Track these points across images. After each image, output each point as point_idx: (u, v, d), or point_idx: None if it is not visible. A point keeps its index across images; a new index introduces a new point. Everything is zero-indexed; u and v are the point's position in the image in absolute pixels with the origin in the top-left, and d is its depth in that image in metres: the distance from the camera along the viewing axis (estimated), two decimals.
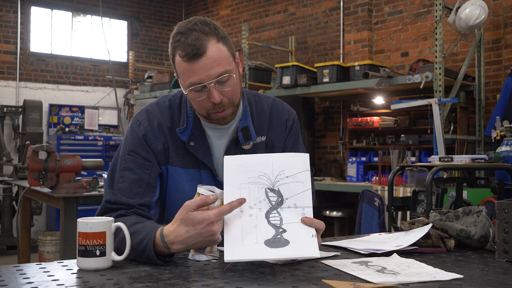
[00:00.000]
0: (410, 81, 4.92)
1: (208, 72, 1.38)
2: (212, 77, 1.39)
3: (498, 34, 5.33)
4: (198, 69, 1.38)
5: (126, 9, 8.52)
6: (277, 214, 1.24)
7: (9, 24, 7.46)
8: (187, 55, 1.38)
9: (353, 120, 6.13)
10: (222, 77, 1.40)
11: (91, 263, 1.19)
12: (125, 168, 1.49)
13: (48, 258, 5.31)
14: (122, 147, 1.55)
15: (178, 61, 1.41)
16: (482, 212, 1.48)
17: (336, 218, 5.99)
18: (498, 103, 4.74)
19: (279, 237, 1.21)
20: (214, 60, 1.38)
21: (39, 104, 7.11)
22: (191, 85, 1.41)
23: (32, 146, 3.38)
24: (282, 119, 1.64)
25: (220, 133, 1.56)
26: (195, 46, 1.37)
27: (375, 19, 6.34)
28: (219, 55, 1.40)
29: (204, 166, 1.54)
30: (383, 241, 1.52)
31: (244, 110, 1.57)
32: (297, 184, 1.27)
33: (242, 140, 1.54)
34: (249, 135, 1.55)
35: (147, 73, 7.91)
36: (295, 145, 1.67)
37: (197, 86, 1.40)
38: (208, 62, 1.38)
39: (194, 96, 1.43)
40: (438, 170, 3.23)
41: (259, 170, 1.27)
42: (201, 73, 1.38)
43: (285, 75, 5.91)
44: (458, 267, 1.24)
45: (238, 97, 1.50)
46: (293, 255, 1.20)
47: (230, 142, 1.55)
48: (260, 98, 1.65)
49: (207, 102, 1.43)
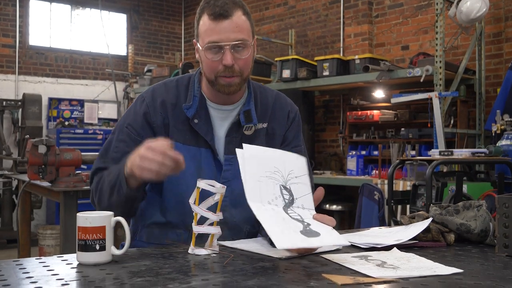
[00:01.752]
0: (411, 75, 4.91)
1: (228, 35, 1.46)
2: (230, 40, 1.46)
3: (499, 27, 5.32)
4: (220, 29, 1.46)
5: (125, 2, 8.48)
6: (293, 211, 1.25)
7: (8, 18, 7.43)
8: (214, 13, 1.46)
9: (353, 113, 6.12)
10: (239, 43, 1.48)
11: (90, 258, 1.19)
12: (121, 140, 1.58)
13: (48, 252, 5.32)
14: (122, 119, 1.62)
15: (204, 21, 1.49)
16: (482, 206, 1.48)
17: (336, 211, 6.00)
18: (499, 97, 4.74)
19: (308, 229, 1.22)
20: (236, 25, 1.47)
21: (38, 98, 7.10)
22: (210, 43, 1.47)
23: (32, 140, 3.38)
24: (285, 110, 1.69)
25: (224, 115, 1.60)
26: (223, 8, 1.46)
27: (376, 12, 6.32)
28: (242, 24, 1.49)
29: (205, 145, 1.57)
30: (383, 235, 1.52)
31: (248, 96, 1.63)
32: (304, 186, 1.30)
33: (243, 122, 1.58)
34: (251, 118, 1.59)
35: (147, 67, 7.89)
36: (296, 138, 1.70)
37: (214, 44, 1.47)
38: (230, 25, 1.46)
39: (209, 55, 1.49)
40: (438, 164, 3.23)
41: (274, 166, 1.28)
42: (222, 33, 1.46)
43: (285, 69, 5.90)
44: (458, 261, 1.24)
45: (248, 72, 1.55)
46: (330, 243, 1.22)
47: (232, 124, 1.59)
48: (265, 89, 1.72)
49: (219, 63, 1.49)
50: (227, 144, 1.58)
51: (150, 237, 1.60)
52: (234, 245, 1.41)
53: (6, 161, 6.85)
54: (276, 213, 1.22)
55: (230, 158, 1.57)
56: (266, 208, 1.22)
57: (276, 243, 1.14)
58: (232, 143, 1.57)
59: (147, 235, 1.61)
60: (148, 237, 1.60)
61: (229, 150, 1.57)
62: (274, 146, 1.59)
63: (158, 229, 1.59)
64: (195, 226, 1.33)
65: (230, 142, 1.58)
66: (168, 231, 1.58)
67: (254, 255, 1.30)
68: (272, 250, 1.33)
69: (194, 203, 1.33)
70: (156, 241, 1.57)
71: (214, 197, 1.35)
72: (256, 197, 1.23)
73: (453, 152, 3.60)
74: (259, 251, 1.33)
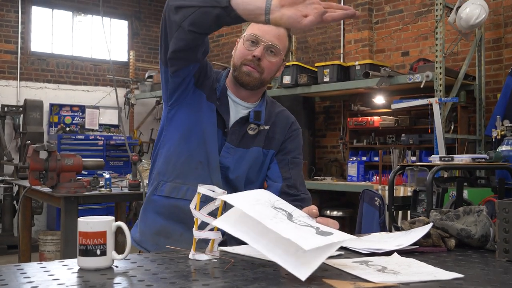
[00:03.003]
0: (411, 81, 4.91)
1: (268, 36, 1.67)
2: (268, 40, 1.67)
3: (498, 33, 5.33)
4: (265, 28, 1.66)
5: (126, 9, 8.52)
6: (298, 220, 1.24)
7: (10, 24, 7.46)
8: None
9: (354, 119, 6.13)
10: (273, 47, 1.68)
11: (91, 263, 1.19)
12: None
13: (49, 258, 5.31)
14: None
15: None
16: (482, 211, 1.48)
17: (336, 217, 5.99)
18: (499, 102, 4.74)
19: (320, 230, 1.21)
20: (278, 34, 1.69)
21: (39, 104, 7.12)
22: (251, 35, 1.68)
23: (33, 146, 3.38)
24: (289, 121, 1.88)
25: (238, 109, 1.77)
26: None
27: (376, 18, 6.34)
28: (282, 37, 1.70)
29: (221, 126, 1.74)
30: (384, 240, 1.52)
31: (261, 102, 1.81)
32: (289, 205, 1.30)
33: (252, 119, 1.75)
34: (259, 118, 1.77)
35: (148, 73, 7.91)
36: (296, 149, 1.87)
37: (254, 36, 1.68)
38: (274, 31, 1.67)
39: (246, 44, 1.69)
40: (438, 170, 3.23)
41: (254, 198, 1.28)
42: (265, 32, 1.67)
43: (285, 75, 5.91)
44: (458, 267, 1.24)
45: (269, 76, 1.73)
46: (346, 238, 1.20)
47: (242, 118, 1.76)
48: (276, 103, 1.91)
49: (250, 53, 1.68)
50: (230, 134, 1.74)
51: (170, 191, 1.74)
52: (235, 250, 1.41)
53: (7, 166, 6.85)
54: (287, 224, 1.22)
55: (229, 147, 1.74)
56: (276, 221, 1.21)
57: (303, 246, 1.12)
58: (235, 135, 1.74)
59: (167, 189, 1.75)
60: (168, 191, 1.74)
61: (230, 139, 1.74)
62: (271, 148, 1.80)
63: (175, 183, 1.74)
64: (196, 231, 1.33)
65: (234, 133, 1.74)
66: (182, 185, 1.73)
67: (255, 260, 1.30)
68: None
69: (195, 208, 1.34)
70: (174, 195, 1.73)
71: (215, 202, 1.35)
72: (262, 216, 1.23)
73: (453, 157, 3.60)
74: (261, 256, 1.33)
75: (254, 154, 1.78)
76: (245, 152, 1.77)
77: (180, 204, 1.71)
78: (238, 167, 1.76)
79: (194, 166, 1.73)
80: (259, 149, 1.79)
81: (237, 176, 1.77)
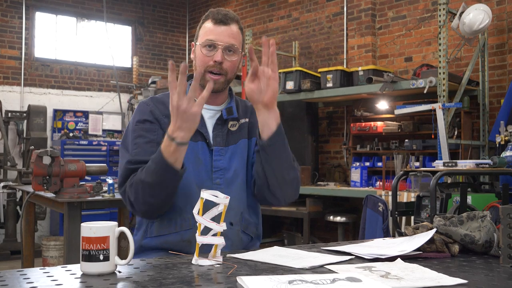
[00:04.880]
0: (414, 86, 4.91)
1: (223, 37, 1.74)
2: (224, 42, 1.73)
3: (502, 39, 5.33)
4: (218, 31, 1.74)
5: (130, 15, 8.55)
6: None
7: (14, 30, 7.50)
8: (216, 19, 1.75)
9: (357, 125, 6.12)
10: (231, 47, 1.74)
11: (94, 268, 1.19)
12: (136, 136, 1.73)
13: (52, 263, 5.31)
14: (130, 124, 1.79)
15: (205, 25, 1.77)
16: (486, 217, 1.48)
17: (340, 223, 5.98)
18: (502, 108, 4.73)
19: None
20: (231, 33, 1.75)
21: (43, 109, 7.14)
22: (207, 41, 1.74)
23: (36, 151, 3.39)
24: None
25: (210, 114, 1.83)
26: (225, 17, 1.75)
27: (379, 24, 6.34)
28: (236, 34, 1.77)
29: (201, 138, 1.77)
30: (387, 246, 1.52)
31: (230, 98, 1.88)
32: None
33: (225, 115, 1.81)
34: (232, 112, 1.83)
35: (151, 78, 7.92)
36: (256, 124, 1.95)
37: (211, 42, 1.73)
38: (227, 31, 1.74)
39: (204, 51, 1.75)
40: (442, 175, 3.22)
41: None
42: (219, 35, 1.73)
43: (288, 80, 5.91)
44: (462, 272, 1.24)
45: (232, 75, 1.79)
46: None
47: (218, 119, 1.82)
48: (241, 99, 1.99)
49: (211, 59, 1.73)
50: (215, 138, 1.80)
51: (160, 229, 1.72)
52: (238, 256, 1.41)
53: (11, 172, 6.87)
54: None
55: (219, 149, 1.79)
56: None
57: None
58: (219, 137, 1.80)
59: (157, 228, 1.72)
60: (158, 230, 1.72)
61: (217, 142, 1.80)
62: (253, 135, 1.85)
63: (166, 219, 1.72)
64: (199, 236, 1.33)
65: (217, 136, 1.80)
66: (176, 217, 1.71)
67: (258, 265, 1.30)
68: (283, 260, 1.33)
69: (198, 214, 1.34)
70: (166, 232, 1.71)
71: (218, 208, 1.35)
72: None
73: (457, 163, 3.60)
74: (265, 261, 1.33)
75: (241, 146, 1.83)
76: (235, 147, 1.82)
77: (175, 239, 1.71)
78: (233, 163, 1.80)
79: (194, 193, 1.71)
80: (245, 140, 1.85)
81: (235, 170, 1.80)
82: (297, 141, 6.36)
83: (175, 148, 1.55)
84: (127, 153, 1.72)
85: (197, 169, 1.74)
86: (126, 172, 1.68)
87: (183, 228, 1.70)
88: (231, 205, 1.71)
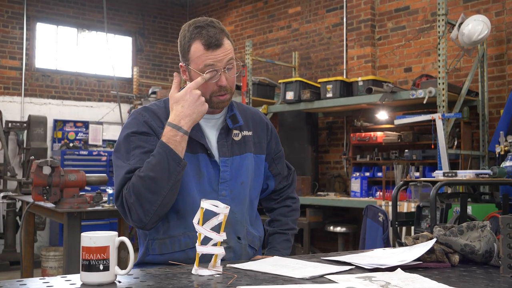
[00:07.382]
0: (414, 96, 4.92)
1: (221, 59, 1.68)
2: (224, 63, 1.68)
3: (501, 49, 5.35)
4: (214, 56, 1.67)
5: (130, 25, 8.59)
6: None
7: (15, 40, 7.53)
8: (209, 44, 1.66)
9: (357, 135, 6.13)
10: (230, 63, 1.69)
11: (94, 278, 1.19)
12: (135, 147, 1.67)
13: (51, 274, 5.29)
14: (123, 133, 1.72)
15: (196, 48, 1.68)
16: (486, 227, 1.48)
17: (340, 233, 5.96)
18: (502, 118, 4.74)
19: None
20: (226, 50, 1.69)
21: (43, 120, 7.15)
22: (206, 67, 1.67)
23: (37, 161, 3.39)
24: (263, 122, 1.93)
25: (211, 124, 1.78)
26: (216, 38, 1.67)
27: (378, 34, 6.37)
28: (229, 48, 1.71)
29: (202, 150, 1.72)
30: (387, 256, 1.51)
31: (230, 105, 1.82)
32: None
33: (231, 124, 1.77)
34: (237, 120, 1.80)
35: (151, 89, 7.94)
36: (277, 145, 1.96)
37: (211, 68, 1.67)
38: (222, 52, 1.68)
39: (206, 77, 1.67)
40: (442, 185, 3.22)
41: None
42: (217, 59, 1.67)
43: (288, 91, 5.93)
44: (462, 282, 1.24)
45: (234, 87, 1.77)
46: None
47: (221, 130, 1.78)
48: (241, 104, 1.94)
49: (214, 85, 1.69)
50: (220, 148, 1.75)
51: (163, 248, 1.68)
52: (238, 266, 1.41)
53: (11, 182, 6.86)
54: None
55: (225, 160, 1.74)
56: None
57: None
58: (225, 147, 1.76)
59: (159, 246, 1.68)
60: (161, 248, 1.68)
61: (223, 153, 1.75)
62: (261, 153, 1.86)
63: (169, 238, 1.68)
64: (199, 246, 1.33)
65: (223, 146, 1.76)
66: (180, 236, 1.67)
67: (258, 275, 1.29)
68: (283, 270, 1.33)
69: (198, 223, 1.34)
70: (169, 251, 1.67)
71: (218, 217, 1.35)
72: None
73: (457, 173, 3.60)
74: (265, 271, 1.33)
75: (248, 159, 1.80)
76: (241, 159, 1.78)
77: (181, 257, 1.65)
78: (239, 174, 1.76)
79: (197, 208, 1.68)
80: (251, 154, 1.82)
81: (242, 183, 1.77)
82: (297, 151, 6.37)
83: (181, 137, 1.59)
84: (124, 163, 1.65)
85: (199, 183, 1.69)
86: (124, 181, 1.62)
87: (188, 247, 1.66)
88: (238, 218, 1.74)
